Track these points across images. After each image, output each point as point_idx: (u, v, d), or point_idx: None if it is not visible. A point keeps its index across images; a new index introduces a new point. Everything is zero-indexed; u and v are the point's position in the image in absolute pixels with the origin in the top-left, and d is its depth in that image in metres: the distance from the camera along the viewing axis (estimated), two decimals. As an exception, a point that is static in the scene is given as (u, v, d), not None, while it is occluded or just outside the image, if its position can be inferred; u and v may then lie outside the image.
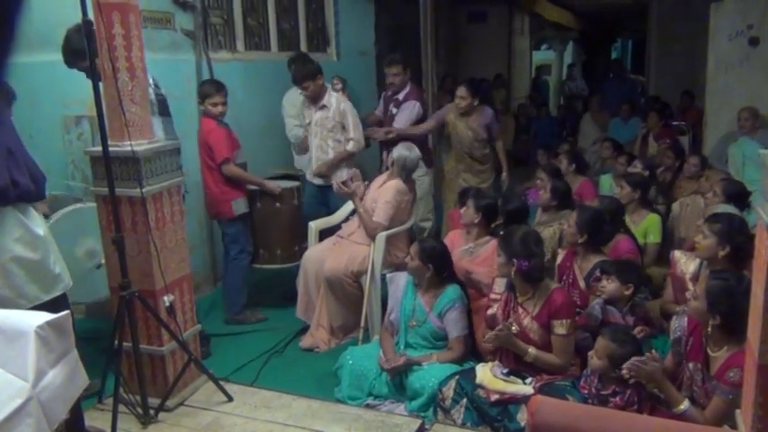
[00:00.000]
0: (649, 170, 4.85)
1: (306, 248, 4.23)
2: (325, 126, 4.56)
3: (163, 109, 3.24)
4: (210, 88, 4.10)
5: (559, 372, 2.88)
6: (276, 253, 4.34)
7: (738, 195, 3.86)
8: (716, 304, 2.36)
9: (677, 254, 3.33)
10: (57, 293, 2.51)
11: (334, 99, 4.54)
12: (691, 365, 2.53)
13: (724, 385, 2.31)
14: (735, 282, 2.39)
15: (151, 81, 3.18)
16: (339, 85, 5.25)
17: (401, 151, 4.15)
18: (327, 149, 4.58)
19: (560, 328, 2.85)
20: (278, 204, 4.27)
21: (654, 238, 4.14)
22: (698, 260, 3.16)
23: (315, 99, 4.53)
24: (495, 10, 11.08)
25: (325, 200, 4.68)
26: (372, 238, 3.91)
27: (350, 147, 4.56)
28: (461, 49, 10.89)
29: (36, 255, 2.40)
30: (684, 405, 2.41)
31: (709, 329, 2.40)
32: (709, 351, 2.46)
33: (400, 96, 5.05)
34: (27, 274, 2.38)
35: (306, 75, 4.44)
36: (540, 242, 3.01)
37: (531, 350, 2.86)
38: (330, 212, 4.58)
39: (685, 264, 3.22)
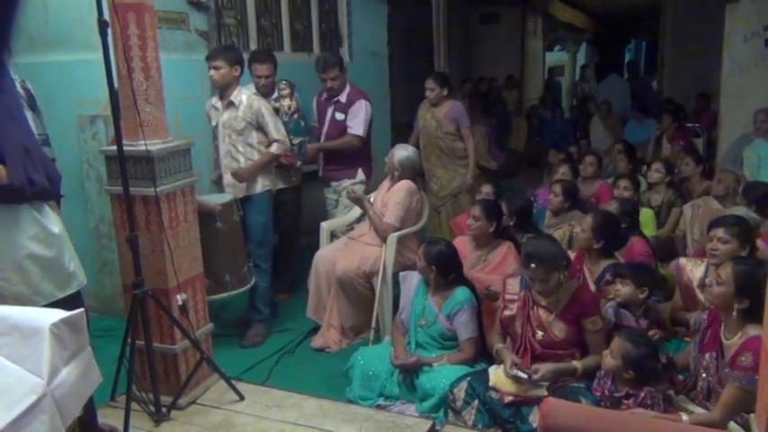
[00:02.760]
0: (668, 173, 4.82)
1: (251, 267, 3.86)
2: (233, 128, 3.93)
3: (31, 103, 3.17)
4: None
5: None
6: (225, 280, 3.67)
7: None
8: (745, 288, 2.42)
9: (683, 261, 3.31)
10: (71, 291, 2.52)
11: (245, 97, 3.91)
12: (707, 356, 2.56)
13: (736, 371, 2.34)
14: (758, 266, 2.52)
15: (16, 76, 3.12)
16: (286, 90, 4.43)
17: (401, 153, 4.11)
18: (237, 155, 3.95)
19: (593, 325, 2.86)
20: (218, 224, 3.61)
21: (649, 231, 4.17)
22: (704, 266, 3.15)
23: (222, 90, 3.92)
24: (508, 11, 11.06)
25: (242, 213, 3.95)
26: (384, 239, 3.90)
27: (274, 149, 3.97)
28: (474, 50, 10.88)
29: (51, 252, 2.42)
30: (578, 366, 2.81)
31: (734, 314, 2.44)
32: (723, 339, 2.50)
33: (342, 98, 4.53)
34: (42, 271, 2.40)
35: (222, 54, 3.84)
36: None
37: (578, 364, 2.84)
38: (246, 228, 3.93)
39: (692, 271, 3.20)
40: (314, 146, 4.56)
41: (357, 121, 4.50)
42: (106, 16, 2.52)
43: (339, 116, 4.55)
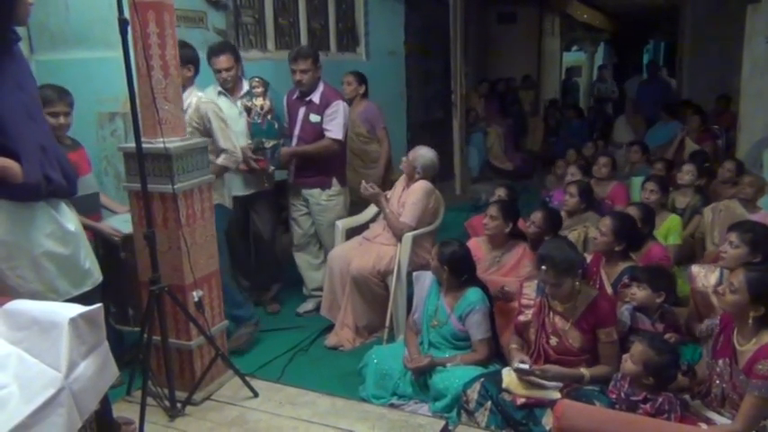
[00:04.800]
0: (700, 175, 4.77)
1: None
2: None
3: None
4: (51, 94, 3.08)
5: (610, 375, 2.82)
6: (127, 312, 3.34)
7: None
8: (760, 295, 2.37)
9: (695, 268, 3.25)
10: (86, 288, 2.54)
11: (195, 99, 3.56)
12: (720, 362, 2.53)
13: (754, 379, 2.30)
14: None
15: None
16: (259, 89, 4.05)
17: (425, 156, 4.11)
18: None
19: (607, 336, 2.82)
20: (122, 254, 3.24)
21: (674, 239, 4.10)
22: (717, 271, 3.10)
23: None
24: (526, 10, 11.01)
25: None
26: (399, 238, 3.90)
27: (221, 160, 3.60)
28: (491, 50, 10.86)
29: (67, 250, 2.44)
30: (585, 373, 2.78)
31: (750, 321, 2.40)
32: (737, 345, 2.46)
33: (315, 98, 4.16)
34: (58, 269, 2.42)
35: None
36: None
37: (585, 372, 2.81)
38: None
39: (705, 277, 3.13)
40: (289, 150, 4.17)
41: (335, 124, 4.15)
42: (126, 15, 2.54)
43: (314, 118, 4.18)
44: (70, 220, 2.49)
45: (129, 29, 2.58)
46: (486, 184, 7.75)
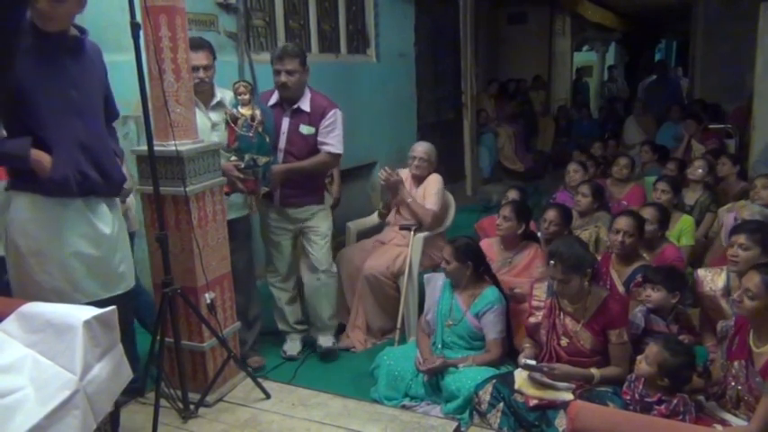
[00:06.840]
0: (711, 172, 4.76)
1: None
2: None
3: None
4: None
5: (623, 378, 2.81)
6: None
7: None
8: None
9: (701, 272, 3.20)
10: (118, 292, 2.55)
11: None
12: (736, 364, 2.51)
13: None
14: None
15: None
16: (246, 96, 3.32)
17: (425, 144, 4.17)
18: None
19: (618, 337, 2.81)
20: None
21: (687, 240, 4.07)
22: (724, 274, 3.06)
23: None
24: (536, 11, 10.99)
25: None
26: (426, 224, 3.96)
27: (129, 184, 3.02)
28: (501, 51, 10.84)
29: (98, 252, 2.44)
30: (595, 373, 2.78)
31: None
32: (753, 347, 2.44)
33: (304, 106, 3.60)
34: (87, 270, 2.42)
35: None
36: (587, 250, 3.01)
37: (595, 372, 2.80)
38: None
39: (712, 280, 3.09)
40: (281, 167, 3.59)
41: (334, 137, 3.63)
42: (138, 19, 2.56)
43: (305, 129, 3.61)
44: (108, 222, 2.49)
45: (141, 33, 2.60)
46: (497, 185, 7.74)
